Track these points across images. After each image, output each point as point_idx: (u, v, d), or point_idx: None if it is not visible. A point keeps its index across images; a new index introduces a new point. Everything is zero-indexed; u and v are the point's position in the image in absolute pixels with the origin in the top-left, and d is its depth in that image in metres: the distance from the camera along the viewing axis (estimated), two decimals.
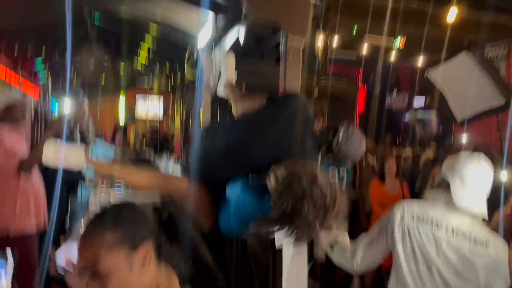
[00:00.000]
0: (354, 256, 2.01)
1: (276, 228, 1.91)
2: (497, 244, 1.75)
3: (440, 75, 3.84)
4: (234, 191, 2.17)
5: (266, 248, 2.46)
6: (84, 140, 4.30)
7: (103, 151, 4.60)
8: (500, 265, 1.72)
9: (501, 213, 2.43)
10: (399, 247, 1.87)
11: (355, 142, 2.29)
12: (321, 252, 3.61)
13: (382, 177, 4.80)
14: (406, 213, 1.88)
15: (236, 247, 2.83)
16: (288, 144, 2.15)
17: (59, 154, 2.09)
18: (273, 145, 2.17)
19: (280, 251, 2.27)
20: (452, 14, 7.46)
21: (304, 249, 2.28)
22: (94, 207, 3.43)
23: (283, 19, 2.33)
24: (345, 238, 2.16)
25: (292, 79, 2.32)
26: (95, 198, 3.50)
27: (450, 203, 1.83)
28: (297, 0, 2.33)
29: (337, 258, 2.10)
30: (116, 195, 3.55)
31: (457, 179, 1.82)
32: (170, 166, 3.99)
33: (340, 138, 2.27)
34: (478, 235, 1.76)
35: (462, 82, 3.69)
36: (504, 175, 3.48)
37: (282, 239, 2.26)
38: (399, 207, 1.95)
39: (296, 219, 1.85)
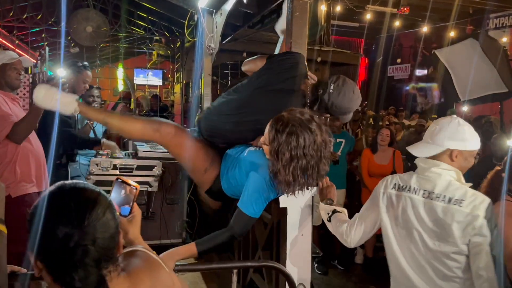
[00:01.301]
0: (348, 230, 2.04)
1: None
2: (474, 200, 1.67)
3: (446, 56, 3.82)
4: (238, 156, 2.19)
5: (272, 207, 2.44)
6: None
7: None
8: (477, 221, 1.63)
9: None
10: (384, 217, 1.90)
11: (348, 92, 2.20)
12: (319, 219, 3.60)
13: (374, 146, 4.75)
14: (389, 184, 1.92)
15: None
16: (284, 96, 2.17)
17: (51, 95, 2.21)
18: (271, 97, 2.18)
19: (285, 210, 2.25)
20: None
21: (308, 211, 2.26)
22: (95, 169, 3.40)
23: None
24: (343, 211, 2.16)
25: (298, 34, 2.23)
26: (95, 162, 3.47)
27: (425, 170, 1.82)
28: None
29: (333, 230, 2.13)
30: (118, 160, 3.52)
31: (428, 140, 1.84)
32: None
33: (331, 90, 2.18)
34: (453, 194, 1.71)
35: (466, 66, 3.69)
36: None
37: (287, 200, 2.24)
38: (384, 180, 1.98)
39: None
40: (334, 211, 2.15)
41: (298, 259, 2.23)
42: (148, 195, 3.89)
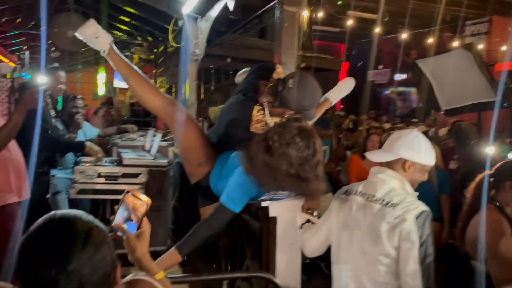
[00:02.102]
0: (306, 239, 2.08)
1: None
2: (408, 205, 1.67)
3: (429, 66, 3.90)
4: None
5: (260, 215, 2.44)
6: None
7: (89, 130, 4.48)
8: (405, 224, 1.63)
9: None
10: (334, 221, 1.93)
11: (307, 85, 2.21)
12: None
13: (364, 151, 4.78)
14: (342, 190, 1.97)
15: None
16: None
17: (96, 31, 2.27)
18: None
19: (274, 219, 2.25)
20: None
21: (298, 216, 2.27)
22: (79, 177, 3.34)
23: None
24: (315, 221, 2.17)
25: (288, 44, 2.24)
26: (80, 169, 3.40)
27: (373, 176, 1.86)
28: None
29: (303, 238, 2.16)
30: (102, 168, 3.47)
31: (386, 148, 1.87)
32: (156, 143, 3.89)
33: (290, 85, 2.18)
34: (392, 198, 1.72)
35: (450, 74, 3.78)
36: (491, 149, 3.57)
37: (276, 208, 2.25)
38: (341, 189, 2.01)
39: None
40: (308, 221, 2.17)
41: (287, 268, 2.23)
42: None
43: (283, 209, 2.25)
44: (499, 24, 11.62)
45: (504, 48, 11.49)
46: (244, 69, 2.72)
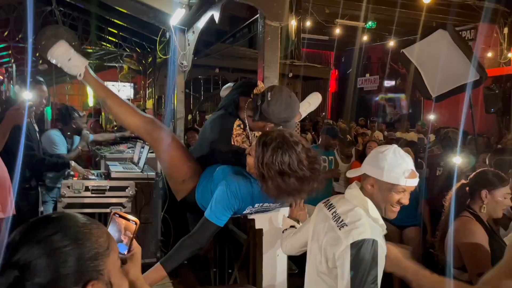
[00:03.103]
0: (286, 237, 2.09)
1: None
2: (353, 229, 1.57)
3: (415, 54, 3.89)
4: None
5: (247, 227, 2.46)
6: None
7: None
8: (339, 247, 1.56)
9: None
10: (310, 229, 1.88)
11: (285, 98, 2.22)
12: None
13: (363, 159, 4.77)
14: (324, 200, 1.89)
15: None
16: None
17: (67, 54, 2.31)
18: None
19: (261, 231, 2.27)
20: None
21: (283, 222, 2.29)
22: (66, 191, 3.33)
23: (261, 3, 2.29)
24: (296, 226, 2.19)
25: (271, 58, 2.28)
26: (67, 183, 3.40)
27: (347, 189, 1.79)
28: None
29: (282, 237, 2.17)
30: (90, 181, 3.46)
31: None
32: (144, 155, 3.89)
33: (269, 98, 2.19)
34: (346, 217, 1.64)
35: (436, 59, 3.73)
36: (458, 159, 3.61)
37: (262, 221, 2.27)
38: (325, 199, 1.94)
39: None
40: (292, 226, 2.18)
41: (274, 280, 2.24)
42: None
43: (269, 222, 2.27)
44: (485, 31, 11.79)
45: (489, 54, 11.66)
46: (228, 84, 2.75)
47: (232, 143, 2.27)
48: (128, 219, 1.20)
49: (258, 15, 2.56)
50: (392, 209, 1.68)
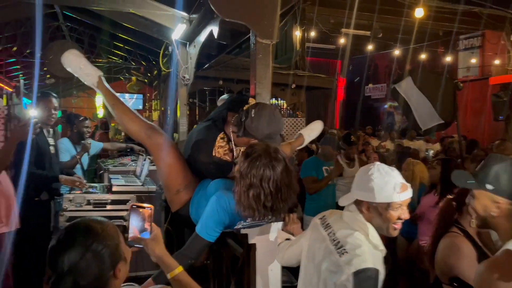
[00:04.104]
0: (282, 249, 2.09)
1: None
2: (355, 257, 1.54)
3: (403, 89, 4.01)
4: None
5: (240, 242, 2.48)
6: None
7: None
8: (340, 276, 1.54)
9: None
10: (305, 243, 1.88)
11: (268, 114, 2.23)
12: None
13: None
14: (319, 216, 1.88)
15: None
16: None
17: (78, 62, 2.45)
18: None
19: (254, 246, 2.29)
20: (419, 12, 7.59)
21: (276, 244, 2.31)
22: (68, 205, 3.38)
23: (251, 22, 2.34)
24: (291, 238, 2.20)
25: (262, 74, 2.32)
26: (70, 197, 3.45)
27: (345, 210, 1.77)
28: (265, 6, 2.33)
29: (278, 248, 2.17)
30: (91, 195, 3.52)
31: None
32: (145, 168, 3.95)
33: (252, 115, 2.22)
34: (346, 243, 1.61)
35: (413, 99, 3.90)
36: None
37: (255, 236, 2.29)
38: (320, 213, 1.94)
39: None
40: (287, 239, 2.19)
41: None
42: (123, 229, 3.88)
43: (263, 236, 2.29)
44: (492, 38, 11.74)
45: (497, 61, 11.59)
46: (224, 96, 2.80)
47: (214, 154, 2.31)
48: (143, 207, 1.45)
49: None
50: (394, 226, 1.65)
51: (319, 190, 4.40)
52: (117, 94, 2.66)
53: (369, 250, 1.59)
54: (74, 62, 2.47)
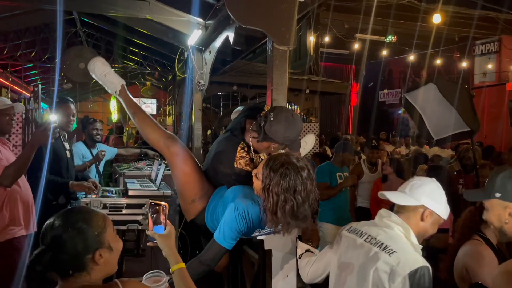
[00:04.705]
0: (306, 266, 2.09)
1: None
2: (406, 259, 1.59)
3: (416, 99, 3.98)
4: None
5: (255, 248, 2.48)
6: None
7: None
8: (395, 279, 1.56)
9: None
10: (333, 256, 1.91)
11: (287, 117, 2.24)
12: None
13: (385, 176, 4.76)
14: (347, 226, 1.93)
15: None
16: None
17: (104, 69, 2.58)
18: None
19: (270, 252, 2.28)
20: (437, 18, 7.52)
21: (293, 253, 2.30)
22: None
23: (268, 28, 2.35)
24: (316, 252, 2.19)
25: (279, 80, 2.32)
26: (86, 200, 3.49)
27: (379, 219, 1.81)
28: (282, 12, 2.34)
29: (299, 266, 2.18)
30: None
31: (406, 191, 1.81)
32: (161, 172, 3.98)
33: (271, 118, 2.22)
34: (391, 244, 1.66)
35: (430, 108, 3.86)
36: None
37: (271, 242, 2.28)
38: (346, 225, 1.99)
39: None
40: (307, 250, 2.19)
41: None
42: (138, 233, 3.90)
43: (278, 243, 2.28)
44: (509, 43, 11.58)
45: None
46: (238, 108, 2.82)
47: (235, 165, 2.31)
48: (160, 204, 1.59)
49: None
50: (425, 238, 1.78)
51: (332, 197, 4.37)
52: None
53: (415, 251, 1.67)
54: (100, 69, 2.59)
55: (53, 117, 2.97)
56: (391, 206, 1.91)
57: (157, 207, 1.60)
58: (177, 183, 2.49)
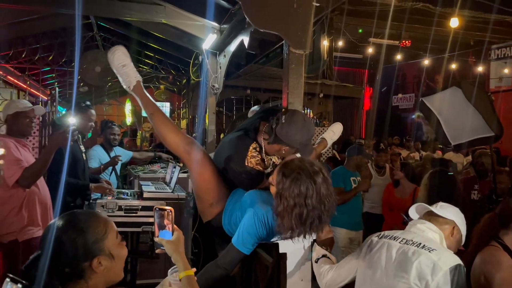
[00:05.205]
0: (325, 272, 2.09)
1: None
2: (446, 256, 1.69)
3: (434, 103, 3.93)
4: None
5: (269, 251, 2.48)
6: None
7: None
8: (437, 273, 1.64)
9: None
10: (361, 261, 1.93)
11: (299, 120, 2.23)
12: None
13: (396, 181, 4.74)
14: (375, 235, 1.97)
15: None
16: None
17: (123, 60, 2.41)
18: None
19: (285, 255, 2.28)
20: (454, 22, 7.44)
21: (308, 257, 2.30)
22: (101, 210, 3.46)
23: (285, 32, 2.36)
24: (332, 258, 2.20)
25: (295, 84, 2.33)
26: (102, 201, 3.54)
27: (412, 225, 1.89)
28: (299, 16, 2.35)
29: (316, 270, 2.19)
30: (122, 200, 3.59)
31: (437, 208, 1.92)
32: (175, 175, 4.01)
33: (283, 121, 2.21)
34: (429, 244, 1.75)
35: (451, 112, 3.80)
36: None
37: (286, 245, 2.29)
38: (375, 233, 2.03)
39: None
40: (324, 255, 2.18)
41: None
42: (153, 235, 3.93)
43: (294, 246, 2.28)
44: None
45: None
46: (255, 107, 2.82)
47: (246, 164, 2.31)
48: (165, 209, 1.54)
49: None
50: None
51: (346, 202, 4.35)
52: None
53: (449, 252, 1.74)
54: (119, 58, 2.44)
55: (72, 120, 3.01)
56: (405, 212, 1.95)
57: (162, 212, 1.55)
58: (196, 187, 2.47)
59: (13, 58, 6.19)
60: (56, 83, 6.82)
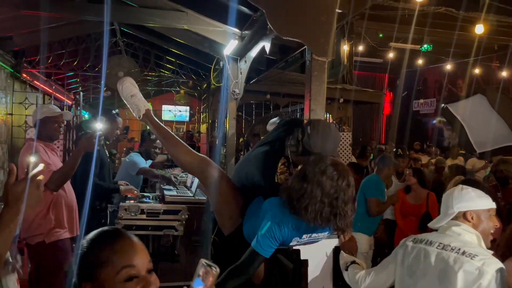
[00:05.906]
0: (363, 278, 2.10)
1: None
2: (487, 258, 1.71)
3: (459, 111, 3.89)
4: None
5: (292, 258, 2.48)
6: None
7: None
8: (484, 278, 1.66)
9: None
10: (399, 268, 1.95)
11: (325, 128, 2.24)
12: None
13: (408, 186, 4.69)
14: (409, 238, 1.99)
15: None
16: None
17: (131, 90, 2.55)
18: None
19: (306, 261, 2.29)
20: (479, 28, 7.32)
21: (329, 263, 2.30)
22: (124, 214, 3.53)
23: (308, 40, 2.38)
24: (361, 264, 2.22)
25: (317, 91, 2.34)
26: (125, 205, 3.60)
27: (446, 229, 1.90)
28: (322, 24, 2.36)
29: (349, 278, 2.20)
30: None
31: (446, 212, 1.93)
32: (196, 180, 4.05)
33: (309, 131, 2.22)
34: (468, 249, 1.75)
35: (476, 120, 3.76)
36: None
37: (308, 251, 2.29)
38: (409, 236, 2.05)
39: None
40: (353, 262, 2.19)
41: None
42: (173, 238, 3.99)
43: (314, 252, 2.29)
44: None
45: None
46: (274, 119, 2.83)
47: (276, 180, 2.32)
48: (210, 266, 1.29)
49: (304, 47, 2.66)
50: (490, 237, 1.89)
51: (382, 213, 4.36)
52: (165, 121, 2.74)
53: (489, 254, 1.76)
54: (128, 89, 2.58)
55: (99, 126, 3.09)
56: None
57: (206, 267, 1.31)
58: (214, 204, 2.49)
59: (40, 63, 6.36)
60: (80, 88, 6.97)
